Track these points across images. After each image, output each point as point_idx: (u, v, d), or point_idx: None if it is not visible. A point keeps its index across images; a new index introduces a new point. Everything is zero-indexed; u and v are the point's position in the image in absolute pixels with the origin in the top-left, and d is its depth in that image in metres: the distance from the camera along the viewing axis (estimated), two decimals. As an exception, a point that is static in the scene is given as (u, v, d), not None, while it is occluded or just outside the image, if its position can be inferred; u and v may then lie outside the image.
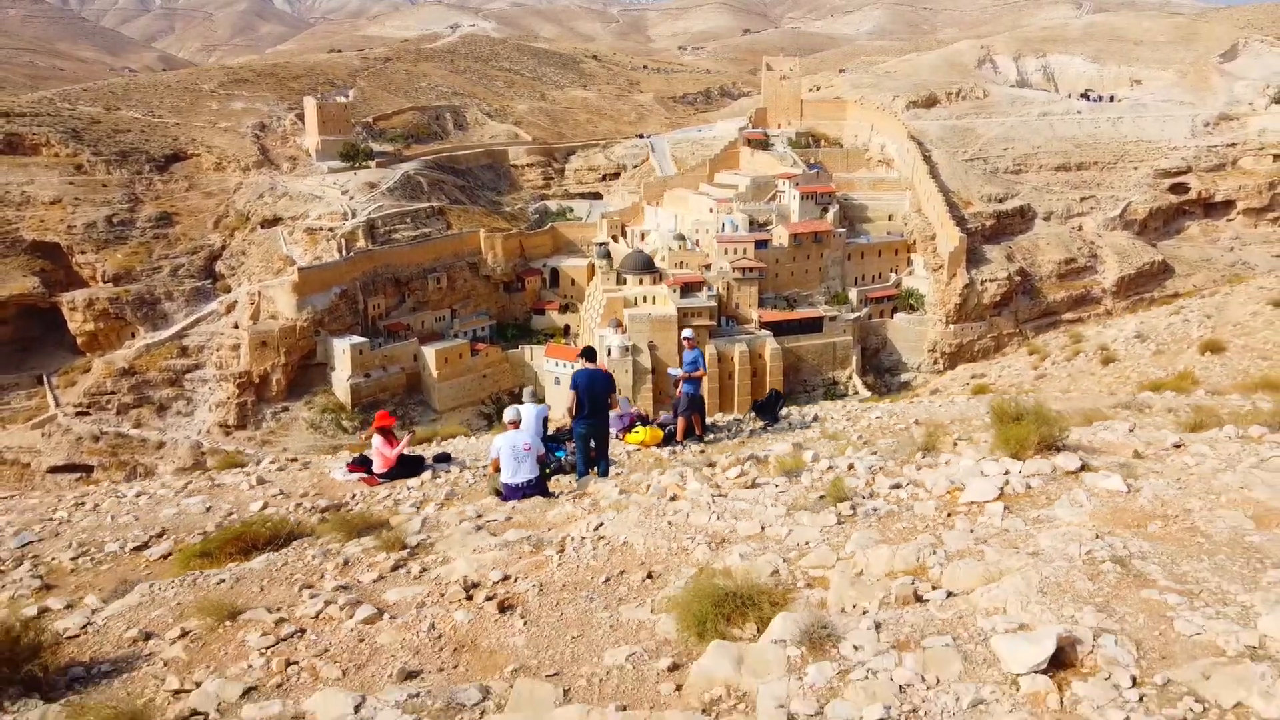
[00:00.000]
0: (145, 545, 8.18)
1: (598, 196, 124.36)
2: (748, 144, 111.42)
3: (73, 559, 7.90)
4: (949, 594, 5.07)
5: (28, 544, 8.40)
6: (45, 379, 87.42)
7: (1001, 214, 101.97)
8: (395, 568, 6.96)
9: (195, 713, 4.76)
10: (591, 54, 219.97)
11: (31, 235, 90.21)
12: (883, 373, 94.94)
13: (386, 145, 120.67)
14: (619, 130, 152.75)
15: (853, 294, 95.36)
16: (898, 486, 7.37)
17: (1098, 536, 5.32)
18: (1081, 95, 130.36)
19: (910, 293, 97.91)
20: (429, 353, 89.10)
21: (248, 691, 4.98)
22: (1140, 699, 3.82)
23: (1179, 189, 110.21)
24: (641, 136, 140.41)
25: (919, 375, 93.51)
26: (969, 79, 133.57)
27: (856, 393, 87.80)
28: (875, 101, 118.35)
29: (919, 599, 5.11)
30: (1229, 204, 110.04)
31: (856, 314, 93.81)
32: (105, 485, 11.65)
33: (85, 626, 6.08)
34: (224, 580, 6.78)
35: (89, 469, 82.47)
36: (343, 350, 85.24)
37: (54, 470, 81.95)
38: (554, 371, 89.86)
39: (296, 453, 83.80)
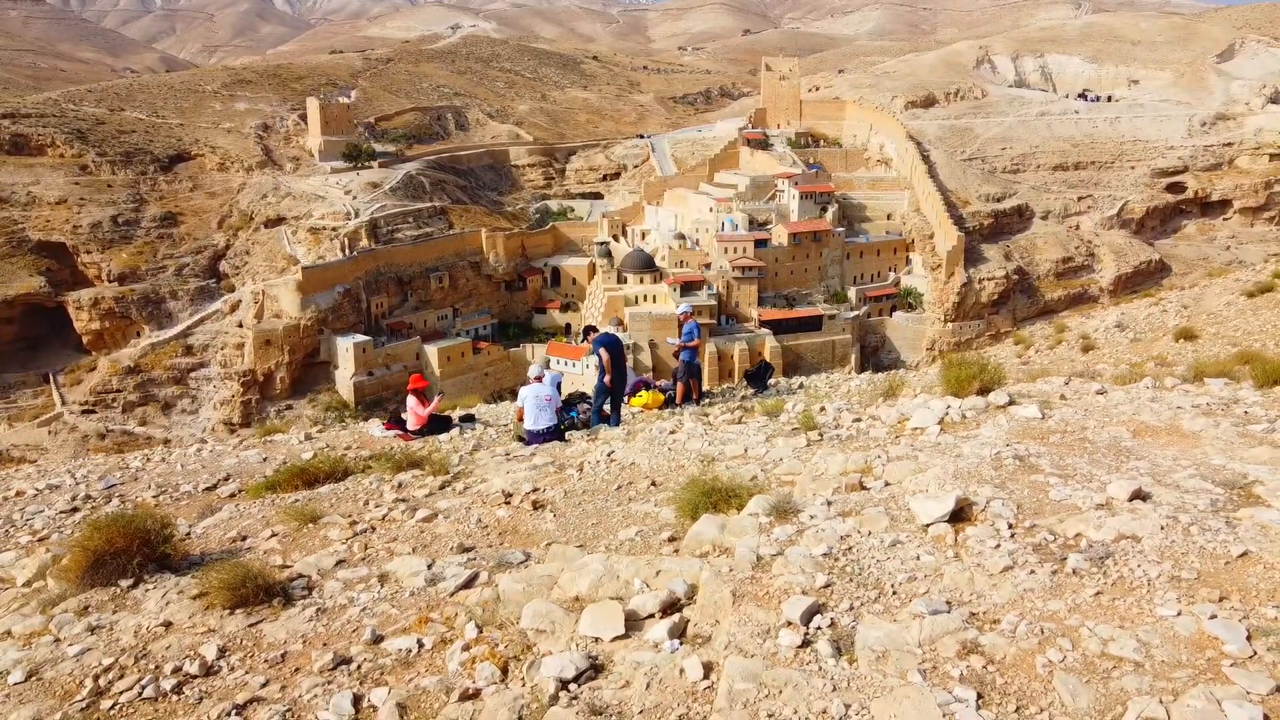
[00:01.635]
0: (215, 486, 9.40)
1: (598, 196, 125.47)
2: (747, 144, 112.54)
3: (154, 497, 9.10)
4: (886, 483, 6.35)
5: (112, 486, 9.59)
6: (51, 377, 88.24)
7: (999, 213, 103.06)
8: (442, 487, 8.24)
9: (300, 575, 5.99)
10: (592, 54, 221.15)
11: (37, 235, 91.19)
12: (881, 370, 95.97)
13: (389, 145, 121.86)
14: (619, 130, 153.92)
15: (851, 292, 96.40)
16: (858, 420, 8.70)
17: (1007, 445, 6.63)
18: (1079, 95, 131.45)
19: (909, 291, 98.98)
20: (431, 351, 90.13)
21: (339, 563, 6.24)
22: (1012, 536, 5.07)
23: (1176, 188, 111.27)
24: (642, 137, 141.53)
25: (916, 373, 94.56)
26: (967, 79, 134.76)
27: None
28: (874, 101, 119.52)
29: (863, 487, 6.41)
30: (1225, 203, 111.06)
31: (855, 312, 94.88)
32: (160, 450, 12.82)
33: (188, 534, 7.30)
34: (298, 500, 8.02)
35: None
36: (346, 348, 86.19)
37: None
38: (555, 369, 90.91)
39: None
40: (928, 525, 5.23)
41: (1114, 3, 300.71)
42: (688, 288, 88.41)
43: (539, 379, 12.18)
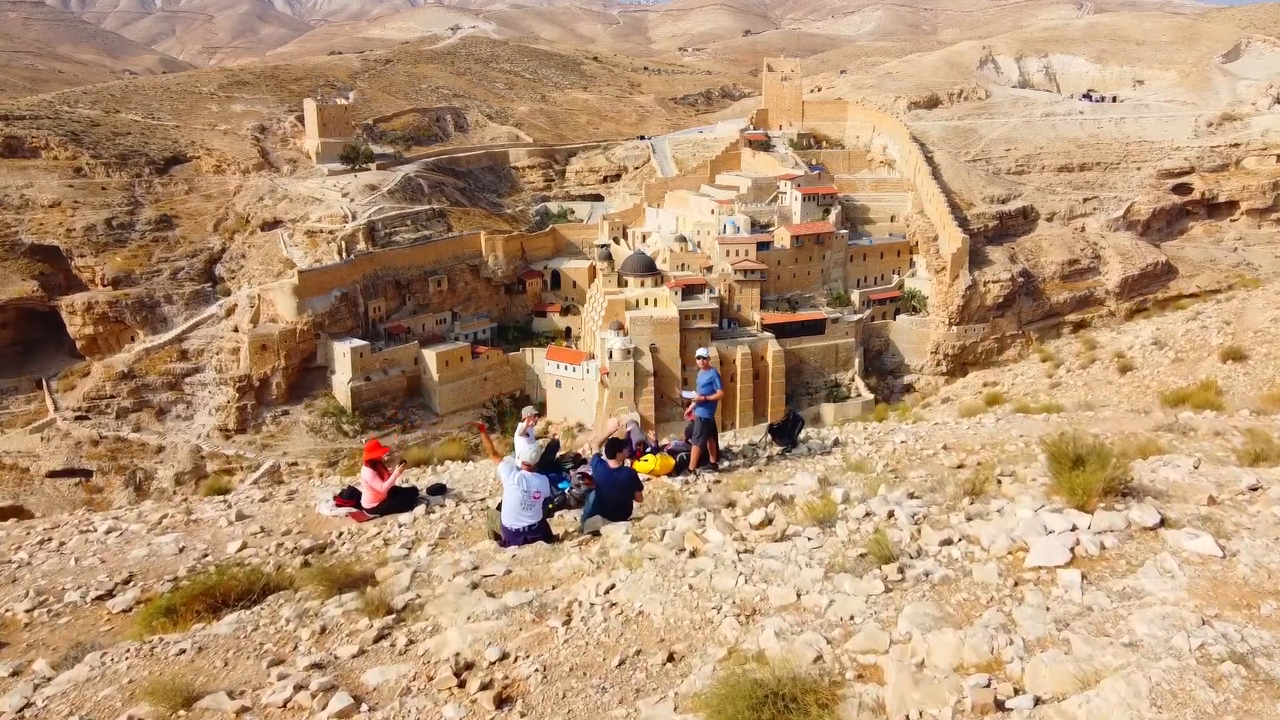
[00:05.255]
0: (110, 593, 7.49)
1: (599, 198, 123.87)
2: (749, 145, 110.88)
3: (28, 610, 7.19)
4: (1036, 700, 4.29)
5: (-18, 592, 7.74)
6: (44, 383, 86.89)
7: (1004, 215, 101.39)
8: (379, 638, 6.14)
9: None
10: (592, 55, 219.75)
11: (31, 238, 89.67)
12: (885, 374, 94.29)
13: (387, 147, 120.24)
14: (620, 131, 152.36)
15: (855, 295, 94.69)
16: (949, 543, 6.51)
17: (1204, 622, 4.54)
18: (1084, 96, 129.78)
19: (912, 294, 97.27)
20: (430, 355, 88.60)
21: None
22: None
23: (1182, 189, 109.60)
24: (642, 138, 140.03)
25: (921, 377, 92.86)
26: (971, 79, 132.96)
27: (859, 395, 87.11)
28: (877, 102, 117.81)
29: (1000, 707, 4.31)
30: (1232, 204, 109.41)
31: (859, 315, 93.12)
32: (77, 517, 10.90)
33: (23, 709, 5.39)
34: (184, 650, 6.02)
35: (88, 473, 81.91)
36: (343, 353, 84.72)
37: (53, 475, 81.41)
38: (555, 374, 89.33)
39: (297, 456, 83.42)
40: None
41: (1117, 2, 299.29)
42: (689, 291, 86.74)
43: (529, 466, 9.48)
